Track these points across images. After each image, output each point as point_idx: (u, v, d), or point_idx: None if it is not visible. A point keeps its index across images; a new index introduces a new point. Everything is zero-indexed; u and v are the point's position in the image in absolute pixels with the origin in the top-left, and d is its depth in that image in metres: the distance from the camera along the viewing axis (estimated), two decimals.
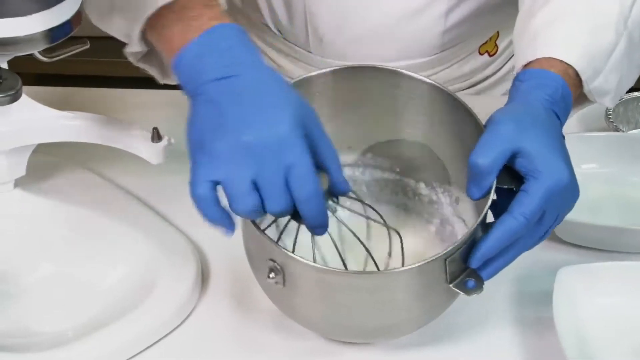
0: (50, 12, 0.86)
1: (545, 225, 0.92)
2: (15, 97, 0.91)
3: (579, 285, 1.01)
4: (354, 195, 0.96)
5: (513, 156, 0.89)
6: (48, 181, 1.11)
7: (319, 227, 0.88)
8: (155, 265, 1.03)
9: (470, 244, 0.89)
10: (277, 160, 0.83)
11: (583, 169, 1.13)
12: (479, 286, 0.90)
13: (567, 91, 0.95)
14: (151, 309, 1.00)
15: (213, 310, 1.03)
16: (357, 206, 0.98)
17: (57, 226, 1.07)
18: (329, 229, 0.88)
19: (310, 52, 1.29)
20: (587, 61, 0.98)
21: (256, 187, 0.83)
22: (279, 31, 1.30)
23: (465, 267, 0.90)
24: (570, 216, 0.94)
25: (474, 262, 0.90)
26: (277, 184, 0.83)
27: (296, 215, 0.86)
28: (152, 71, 1.01)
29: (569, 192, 0.92)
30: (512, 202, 0.89)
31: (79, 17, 0.89)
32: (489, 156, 0.88)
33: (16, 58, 0.92)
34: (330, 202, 0.90)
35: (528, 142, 0.89)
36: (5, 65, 0.92)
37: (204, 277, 1.05)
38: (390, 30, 1.23)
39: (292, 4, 1.25)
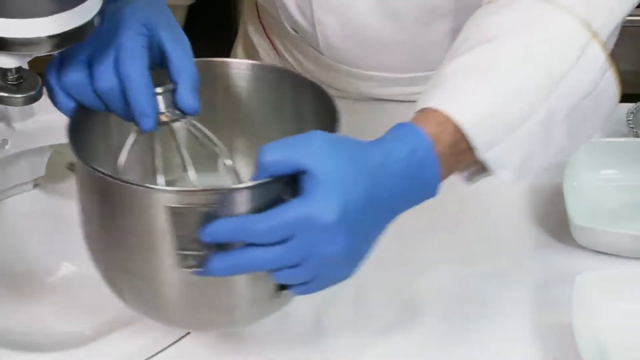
0: (70, 13, 0.86)
1: (292, 256, 0.83)
2: (35, 98, 0.91)
3: (598, 292, 1.01)
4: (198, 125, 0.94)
5: (303, 172, 0.83)
6: (68, 181, 1.12)
7: (143, 116, 0.89)
8: None
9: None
10: (110, 42, 0.90)
11: (603, 175, 1.13)
12: (197, 266, 0.84)
13: (429, 157, 0.86)
14: None
15: None
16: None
17: (78, 226, 1.07)
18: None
19: (324, 56, 1.29)
20: (483, 127, 0.88)
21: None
22: (296, 31, 1.30)
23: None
24: (590, 222, 0.94)
25: (204, 235, 0.83)
26: (105, 61, 0.90)
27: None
28: None
29: (330, 244, 0.82)
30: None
31: (98, 19, 0.89)
32: (272, 157, 0.82)
33: (37, 58, 0.92)
34: (177, 111, 0.91)
35: (324, 169, 0.82)
36: (25, 66, 0.92)
37: None
38: (396, 43, 1.23)
39: (304, 12, 1.26)
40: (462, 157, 0.89)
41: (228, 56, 1.26)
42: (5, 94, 0.90)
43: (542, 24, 0.93)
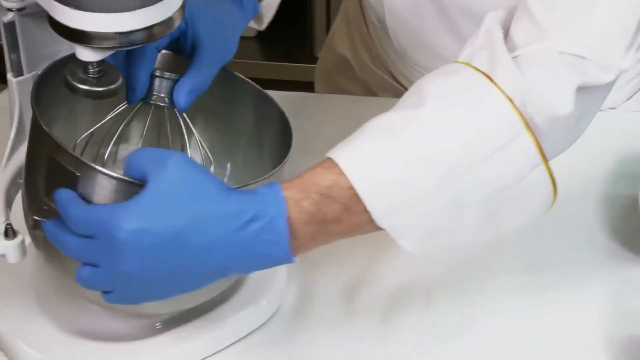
0: (153, 9, 0.87)
1: (88, 254, 0.85)
2: (115, 91, 0.92)
3: None
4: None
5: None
6: None
7: (130, 89, 0.95)
8: None
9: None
10: None
11: None
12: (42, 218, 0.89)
13: (279, 224, 0.83)
14: (242, 302, 1.01)
15: (300, 306, 1.04)
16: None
17: None
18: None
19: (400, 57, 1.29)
20: (380, 193, 0.84)
21: None
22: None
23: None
24: None
25: (54, 192, 0.86)
26: None
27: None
28: None
29: (119, 258, 0.83)
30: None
31: (180, 15, 0.90)
32: (133, 157, 0.86)
33: None
34: (167, 99, 0.97)
35: (156, 189, 0.83)
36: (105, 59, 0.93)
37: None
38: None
39: (378, 15, 1.26)
40: (354, 218, 0.85)
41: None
42: (86, 87, 0.92)
43: (475, 100, 0.86)
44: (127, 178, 0.86)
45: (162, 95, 0.98)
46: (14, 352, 0.98)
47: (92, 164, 0.88)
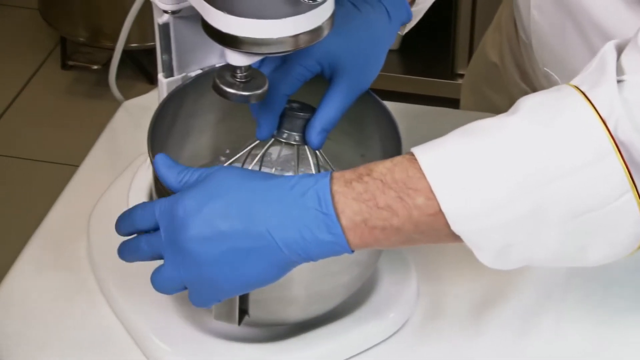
0: (303, 17, 0.88)
1: (156, 242, 0.88)
2: (261, 96, 0.94)
3: None
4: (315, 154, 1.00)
5: None
6: None
7: (258, 126, 0.98)
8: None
9: None
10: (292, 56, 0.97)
11: None
12: None
13: (322, 189, 0.84)
14: (369, 313, 1.02)
15: (428, 322, 1.04)
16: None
17: None
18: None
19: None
20: (457, 197, 0.82)
21: None
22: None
23: None
24: None
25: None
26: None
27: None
28: None
29: (183, 228, 0.86)
30: None
31: (329, 24, 0.91)
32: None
33: None
34: (296, 136, 0.98)
35: (215, 181, 0.87)
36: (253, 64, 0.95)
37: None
38: None
39: (525, 28, 1.24)
40: (415, 214, 0.83)
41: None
42: (233, 90, 0.94)
43: (564, 115, 0.83)
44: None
45: (293, 133, 0.99)
46: (146, 345, 1.00)
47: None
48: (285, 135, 0.99)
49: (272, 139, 1.00)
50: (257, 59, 0.92)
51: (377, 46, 1.01)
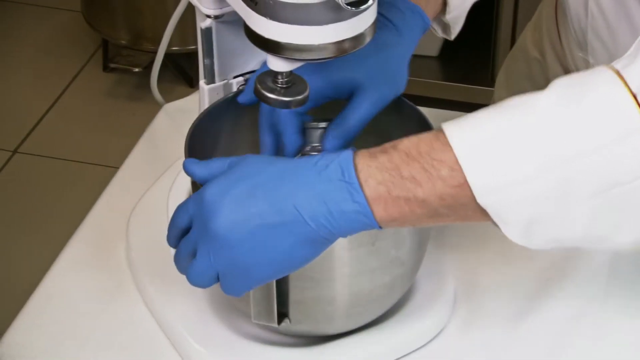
0: (345, 24, 0.89)
1: (190, 236, 0.89)
2: (301, 102, 0.94)
3: None
4: None
5: None
6: None
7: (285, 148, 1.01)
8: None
9: None
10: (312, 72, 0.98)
11: None
12: None
13: (345, 161, 0.84)
14: (405, 320, 1.02)
15: (465, 331, 1.04)
16: None
17: None
18: None
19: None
20: (482, 165, 0.82)
21: None
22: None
23: None
24: None
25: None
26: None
27: None
28: None
29: (212, 213, 0.86)
30: None
31: (371, 31, 0.91)
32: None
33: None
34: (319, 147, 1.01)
35: (238, 163, 0.88)
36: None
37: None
38: None
39: (579, 37, 1.23)
40: (438, 185, 0.83)
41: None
42: (274, 96, 0.94)
43: (595, 90, 0.82)
44: None
45: (315, 144, 1.02)
46: (181, 346, 1.01)
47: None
48: (308, 148, 1.02)
49: (299, 154, 1.02)
50: (298, 64, 0.92)
51: (389, 62, 1.02)
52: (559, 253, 1.10)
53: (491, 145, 0.82)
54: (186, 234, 0.89)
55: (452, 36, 1.14)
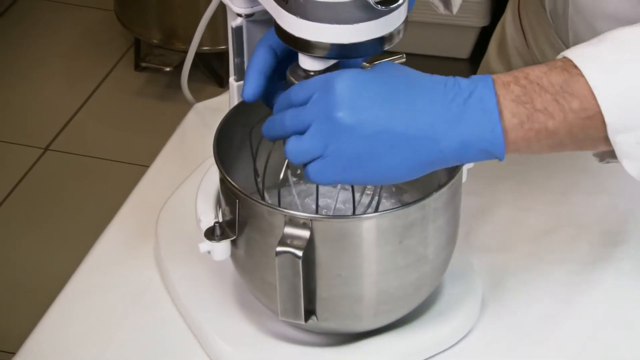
0: (375, 23, 0.88)
1: (305, 113, 0.86)
2: None
3: None
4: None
5: None
6: None
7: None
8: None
9: None
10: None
11: None
12: None
13: (486, 95, 0.83)
14: (432, 321, 1.01)
15: (491, 333, 1.03)
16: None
17: None
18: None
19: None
20: (621, 105, 0.82)
21: None
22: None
23: None
24: None
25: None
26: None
27: None
28: None
29: (336, 104, 0.84)
30: None
31: (402, 30, 0.91)
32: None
33: None
34: None
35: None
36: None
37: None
38: None
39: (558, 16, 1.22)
40: (570, 117, 0.83)
41: None
42: None
43: None
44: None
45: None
46: (208, 344, 1.01)
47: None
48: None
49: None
50: (329, 63, 0.92)
51: None
52: (588, 256, 1.09)
53: (627, 81, 0.82)
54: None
55: (455, 10, 1.13)
